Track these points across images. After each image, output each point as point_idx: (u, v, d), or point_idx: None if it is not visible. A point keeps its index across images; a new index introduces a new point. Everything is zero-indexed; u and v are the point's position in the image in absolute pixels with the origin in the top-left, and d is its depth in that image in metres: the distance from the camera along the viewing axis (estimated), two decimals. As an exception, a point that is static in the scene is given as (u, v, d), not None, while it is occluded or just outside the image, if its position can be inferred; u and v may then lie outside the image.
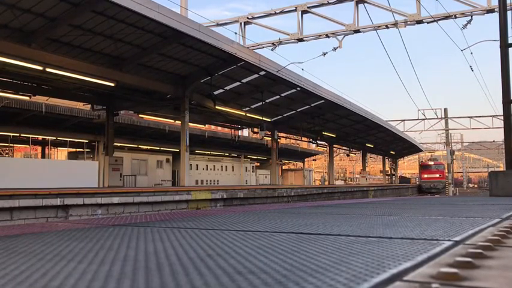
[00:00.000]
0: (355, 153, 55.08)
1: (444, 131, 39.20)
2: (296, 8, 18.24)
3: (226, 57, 17.11)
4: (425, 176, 51.16)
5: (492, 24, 15.61)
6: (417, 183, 56.94)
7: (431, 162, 52.15)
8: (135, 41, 15.70)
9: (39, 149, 31.98)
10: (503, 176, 10.62)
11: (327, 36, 18.14)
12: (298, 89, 22.82)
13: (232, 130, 31.22)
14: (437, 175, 50.28)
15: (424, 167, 52.53)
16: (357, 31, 17.59)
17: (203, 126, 31.39)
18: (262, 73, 20.14)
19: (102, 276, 1.26)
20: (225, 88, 22.09)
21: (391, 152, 53.70)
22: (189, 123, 20.19)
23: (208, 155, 38.05)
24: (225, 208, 10.89)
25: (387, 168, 57.08)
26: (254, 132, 31.80)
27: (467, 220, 3.21)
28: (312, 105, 27.22)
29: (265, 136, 28.86)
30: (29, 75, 15.88)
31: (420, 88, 26.97)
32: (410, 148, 54.10)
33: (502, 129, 11.55)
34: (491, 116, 35.82)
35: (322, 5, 18.11)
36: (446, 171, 49.11)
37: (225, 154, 40.18)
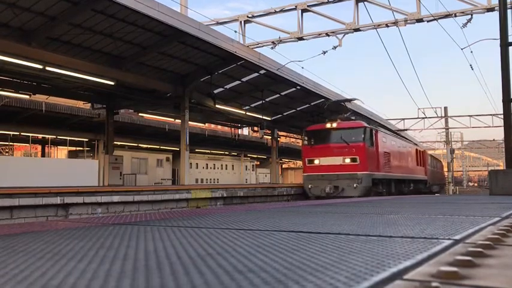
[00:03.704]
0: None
1: (444, 129, 39.12)
2: (296, 6, 18.21)
3: (226, 55, 17.10)
4: (315, 161, 17.66)
5: (492, 23, 15.59)
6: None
7: (333, 125, 17.62)
8: (134, 40, 15.68)
9: (39, 147, 31.98)
10: (503, 175, 10.62)
11: (327, 34, 18.11)
12: (298, 87, 22.81)
13: (232, 129, 31.23)
14: (348, 159, 17.00)
15: (312, 140, 18.29)
16: (357, 30, 17.56)
17: (203, 125, 31.40)
18: (262, 72, 20.14)
19: (102, 275, 1.26)
20: (225, 87, 22.08)
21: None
22: (189, 122, 20.20)
23: (208, 153, 38.05)
24: (225, 207, 10.87)
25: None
26: (254, 131, 31.82)
27: (467, 219, 3.21)
28: (312, 103, 27.22)
29: (265, 135, 28.86)
30: (28, 73, 15.87)
31: (420, 87, 26.93)
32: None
33: (502, 128, 11.55)
34: (491, 114, 35.68)
35: (322, 3, 18.07)
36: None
37: (225, 153, 40.19)
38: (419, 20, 16.80)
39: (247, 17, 19.20)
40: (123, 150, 27.91)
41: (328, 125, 17.49)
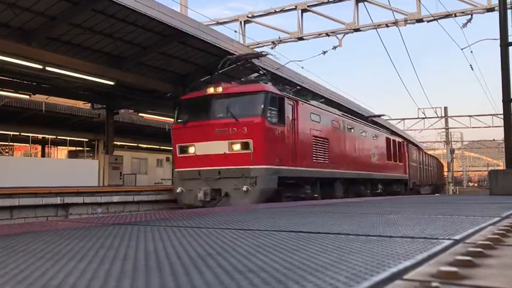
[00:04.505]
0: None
1: (444, 129, 39.13)
2: (296, 6, 18.22)
3: (226, 55, 17.09)
4: (190, 149, 10.96)
5: (492, 23, 15.61)
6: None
7: (217, 89, 11.01)
8: (134, 40, 15.68)
9: (39, 147, 31.98)
10: (503, 175, 10.63)
11: (327, 34, 18.12)
12: (298, 87, 22.82)
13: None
14: (237, 145, 10.29)
15: (187, 115, 11.48)
16: (357, 30, 17.57)
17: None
18: (262, 72, 20.14)
19: (102, 275, 1.26)
20: (225, 87, 22.06)
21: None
22: (189, 122, 20.18)
23: (208, 153, 37.98)
24: (225, 207, 10.78)
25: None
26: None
27: (467, 219, 3.21)
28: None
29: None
30: (28, 73, 15.88)
31: (420, 87, 26.98)
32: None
33: (502, 128, 11.55)
34: (491, 114, 35.73)
35: (322, 3, 18.09)
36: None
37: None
38: (419, 20, 16.81)
39: (247, 17, 19.21)
40: (123, 150, 27.91)
41: (211, 90, 11.01)
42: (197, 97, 11.43)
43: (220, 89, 10.92)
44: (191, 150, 10.90)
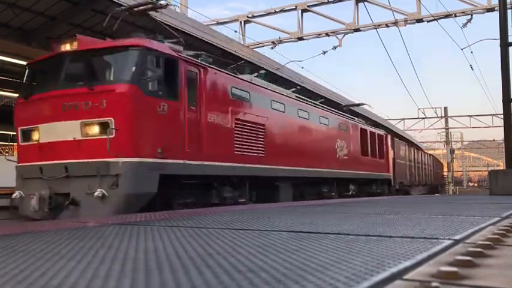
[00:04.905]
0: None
1: (444, 129, 39.12)
2: (296, 6, 18.24)
3: (226, 56, 17.11)
4: (34, 135, 7.64)
5: (492, 23, 15.61)
6: None
7: (73, 45, 7.70)
8: (135, 40, 15.72)
9: (39, 147, 31.97)
10: (503, 175, 10.63)
11: (327, 35, 18.13)
12: (298, 87, 22.83)
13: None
14: (93, 127, 6.79)
15: (33, 86, 8.16)
16: (357, 30, 17.58)
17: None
18: (262, 72, 20.15)
19: (102, 275, 1.26)
20: (225, 87, 22.04)
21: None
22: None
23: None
24: (224, 207, 10.71)
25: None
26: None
27: (467, 219, 3.21)
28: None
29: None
30: (28, 74, 15.90)
31: (420, 87, 26.99)
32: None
33: (502, 128, 11.55)
34: (491, 114, 35.75)
35: (322, 3, 18.10)
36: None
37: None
38: (419, 20, 16.82)
39: (247, 17, 19.21)
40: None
41: (66, 47, 7.88)
42: (46, 59, 8.14)
43: (75, 45, 7.68)
44: (35, 136, 7.64)
